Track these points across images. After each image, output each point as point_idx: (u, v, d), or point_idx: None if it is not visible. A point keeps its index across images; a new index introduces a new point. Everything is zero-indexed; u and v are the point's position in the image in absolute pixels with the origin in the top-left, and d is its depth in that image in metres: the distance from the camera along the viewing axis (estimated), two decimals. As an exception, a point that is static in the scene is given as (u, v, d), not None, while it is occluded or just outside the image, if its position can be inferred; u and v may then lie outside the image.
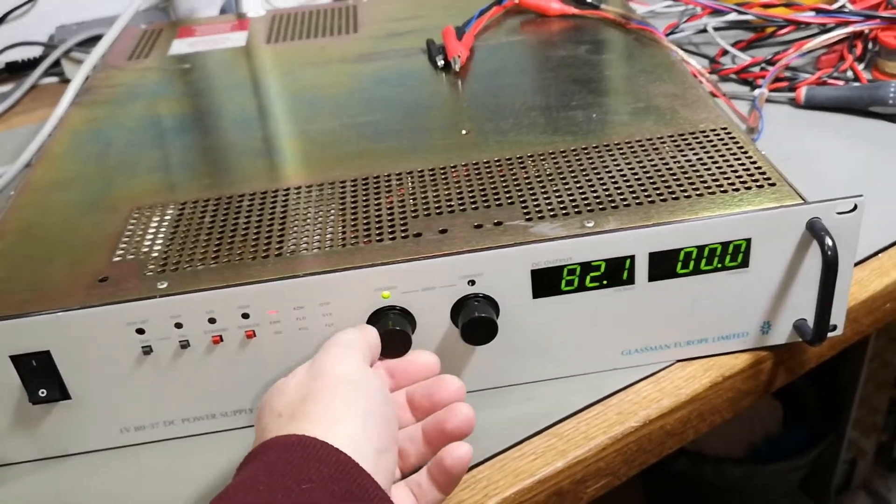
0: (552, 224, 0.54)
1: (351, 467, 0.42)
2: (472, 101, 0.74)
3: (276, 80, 0.85)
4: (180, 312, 0.52)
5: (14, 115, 1.08)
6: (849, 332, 0.59)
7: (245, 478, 0.42)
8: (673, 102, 0.68)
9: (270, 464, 0.42)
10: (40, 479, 0.55)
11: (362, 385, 0.47)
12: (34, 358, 0.52)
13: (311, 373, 0.48)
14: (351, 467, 0.42)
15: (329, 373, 0.47)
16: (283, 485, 0.41)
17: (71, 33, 1.15)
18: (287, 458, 0.42)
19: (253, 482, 0.41)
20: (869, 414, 1.29)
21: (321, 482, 0.41)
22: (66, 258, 0.57)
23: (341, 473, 0.42)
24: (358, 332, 0.52)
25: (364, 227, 0.56)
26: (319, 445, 0.42)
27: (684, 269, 0.54)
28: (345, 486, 0.41)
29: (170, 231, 0.59)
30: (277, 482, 0.41)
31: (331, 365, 0.48)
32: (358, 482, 0.42)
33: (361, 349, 0.50)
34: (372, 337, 0.52)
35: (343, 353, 0.49)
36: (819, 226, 0.52)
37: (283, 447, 0.43)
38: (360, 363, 0.49)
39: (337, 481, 0.41)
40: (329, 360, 0.48)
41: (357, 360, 0.49)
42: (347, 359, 0.49)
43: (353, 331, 0.52)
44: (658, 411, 0.55)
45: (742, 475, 1.33)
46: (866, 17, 0.90)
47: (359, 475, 0.42)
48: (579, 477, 0.54)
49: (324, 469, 0.41)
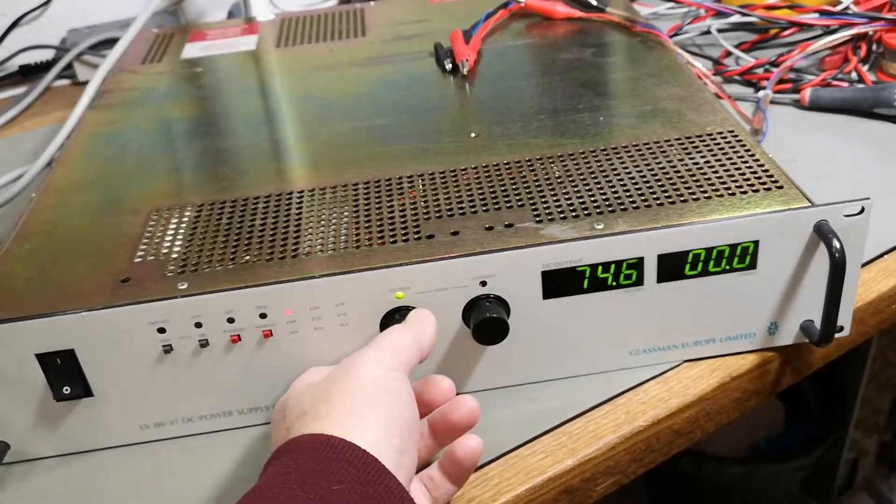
0: (562, 226, 0.55)
1: (378, 469, 0.43)
2: (480, 105, 0.75)
3: (286, 83, 0.86)
4: (200, 312, 0.53)
5: (28, 117, 1.09)
6: (854, 333, 0.60)
7: (276, 476, 0.43)
8: (679, 105, 0.69)
9: (301, 464, 0.43)
10: (62, 474, 0.57)
11: (386, 388, 0.47)
12: (59, 356, 0.53)
13: (341, 373, 0.49)
14: (378, 469, 0.43)
15: (357, 374, 0.48)
16: (316, 485, 0.41)
17: (83, 36, 1.16)
18: (317, 457, 0.43)
19: (285, 481, 0.42)
20: (871, 414, 1.30)
21: (351, 483, 0.42)
22: (89, 259, 0.58)
23: (369, 475, 0.42)
24: (406, 333, 0.52)
25: (377, 229, 0.57)
26: (347, 447, 0.43)
27: (692, 270, 0.55)
28: (373, 488, 0.42)
29: (188, 233, 0.60)
30: (309, 483, 0.41)
31: (360, 365, 0.48)
32: (384, 484, 0.43)
33: (400, 353, 0.50)
34: (425, 337, 0.52)
35: (377, 355, 0.49)
36: (827, 228, 0.53)
37: (311, 447, 0.44)
38: (391, 367, 0.49)
39: (366, 482, 0.42)
40: (362, 360, 0.49)
41: (389, 363, 0.49)
42: (378, 362, 0.49)
43: (401, 333, 0.52)
44: (666, 411, 0.56)
45: (744, 475, 1.33)
46: (870, 19, 0.91)
47: (385, 477, 0.43)
48: (589, 475, 0.55)
49: (353, 470, 0.42)
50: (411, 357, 0.51)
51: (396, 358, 0.50)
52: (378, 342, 0.51)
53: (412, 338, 0.52)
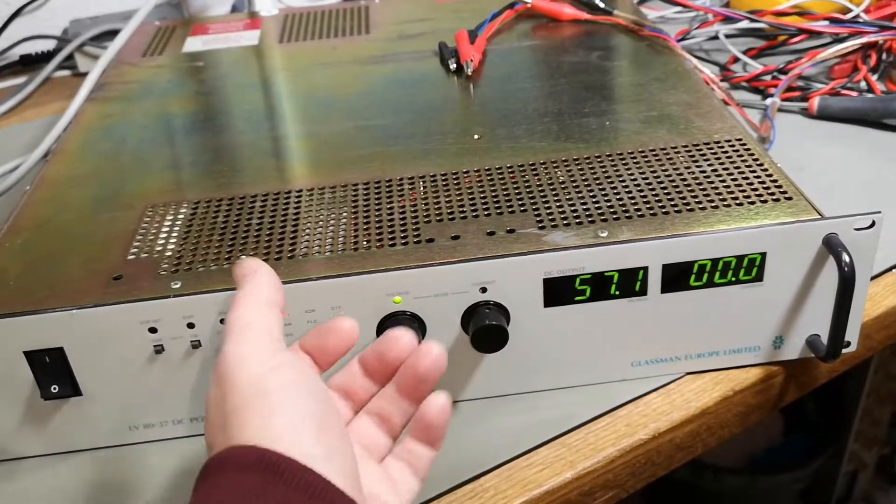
0: (565, 233, 0.54)
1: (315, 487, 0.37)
2: (484, 106, 0.74)
3: (288, 80, 0.85)
4: (193, 312, 0.52)
5: (28, 107, 1.08)
6: (861, 349, 0.59)
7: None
8: (687, 112, 0.68)
9: (231, 492, 0.36)
10: (49, 473, 0.56)
11: (275, 389, 0.40)
12: (48, 354, 0.52)
13: (218, 387, 0.41)
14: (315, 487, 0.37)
15: (233, 384, 0.40)
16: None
17: (85, 27, 1.15)
18: (248, 484, 0.37)
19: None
20: (871, 426, 1.29)
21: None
22: (81, 255, 0.57)
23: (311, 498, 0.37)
24: (250, 302, 0.44)
25: (376, 232, 0.56)
26: (283, 464, 0.37)
27: (698, 281, 0.53)
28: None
29: (183, 230, 0.59)
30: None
31: (230, 371, 0.41)
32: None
33: (260, 326, 0.43)
34: (265, 289, 0.45)
35: (239, 347, 0.42)
36: (836, 241, 0.52)
37: (240, 467, 0.37)
38: (264, 356, 0.42)
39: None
40: (228, 363, 0.41)
41: (259, 351, 0.42)
42: (247, 356, 0.41)
43: (245, 306, 0.44)
44: (668, 424, 0.55)
45: (742, 485, 1.33)
46: (881, 28, 0.90)
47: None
48: (587, 489, 0.54)
49: (293, 495, 0.36)
50: (273, 325, 0.44)
51: (261, 337, 0.42)
52: (230, 330, 0.43)
53: (260, 302, 0.44)
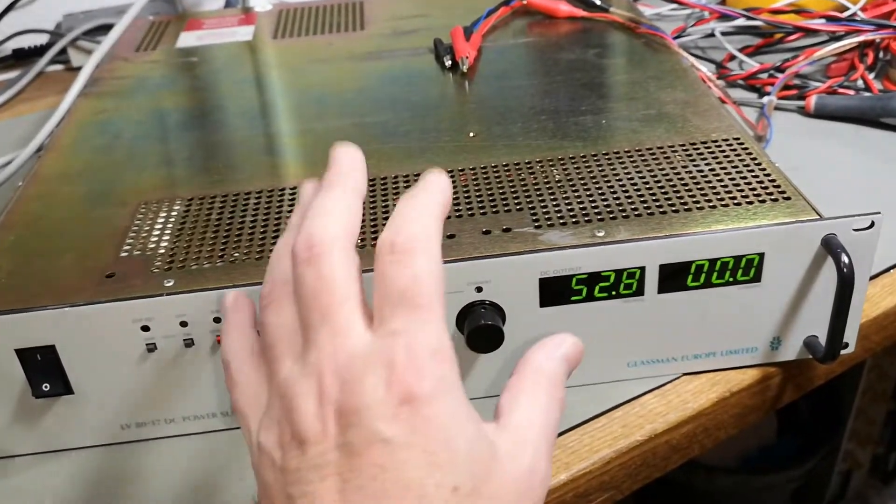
0: (562, 232, 0.54)
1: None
2: (479, 103, 0.74)
3: (283, 76, 0.85)
4: (186, 311, 0.51)
5: (20, 101, 1.08)
6: (859, 350, 0.58)
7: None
8: (684, 110, 0.68)
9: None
10: (40, 472, 0.55)
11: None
12: (39, 352, 0.51)
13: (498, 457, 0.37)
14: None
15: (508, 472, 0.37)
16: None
17: (78, 22, 1.14)
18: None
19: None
20: (865, 425, 1.29)
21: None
22: (73, 252, 0.57)
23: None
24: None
25: (371, 229, 0.56)
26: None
27: (695, 282, 0.53)
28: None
29: (176, 227, 0.58)
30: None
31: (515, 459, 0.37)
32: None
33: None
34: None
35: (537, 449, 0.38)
36: (835, 242, 0.51)
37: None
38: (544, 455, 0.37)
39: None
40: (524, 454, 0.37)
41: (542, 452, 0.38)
42: (541, 455, 0.37)
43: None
44: (664, 425, 0.55)
45: (735, 485, 1.32)
46: (878, 27, 0.90)
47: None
48: (582, 490, 0.53)
49: None
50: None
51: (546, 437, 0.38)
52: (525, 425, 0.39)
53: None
